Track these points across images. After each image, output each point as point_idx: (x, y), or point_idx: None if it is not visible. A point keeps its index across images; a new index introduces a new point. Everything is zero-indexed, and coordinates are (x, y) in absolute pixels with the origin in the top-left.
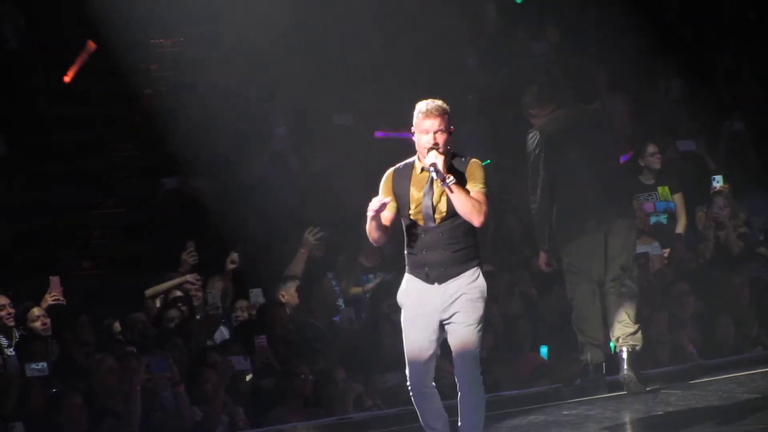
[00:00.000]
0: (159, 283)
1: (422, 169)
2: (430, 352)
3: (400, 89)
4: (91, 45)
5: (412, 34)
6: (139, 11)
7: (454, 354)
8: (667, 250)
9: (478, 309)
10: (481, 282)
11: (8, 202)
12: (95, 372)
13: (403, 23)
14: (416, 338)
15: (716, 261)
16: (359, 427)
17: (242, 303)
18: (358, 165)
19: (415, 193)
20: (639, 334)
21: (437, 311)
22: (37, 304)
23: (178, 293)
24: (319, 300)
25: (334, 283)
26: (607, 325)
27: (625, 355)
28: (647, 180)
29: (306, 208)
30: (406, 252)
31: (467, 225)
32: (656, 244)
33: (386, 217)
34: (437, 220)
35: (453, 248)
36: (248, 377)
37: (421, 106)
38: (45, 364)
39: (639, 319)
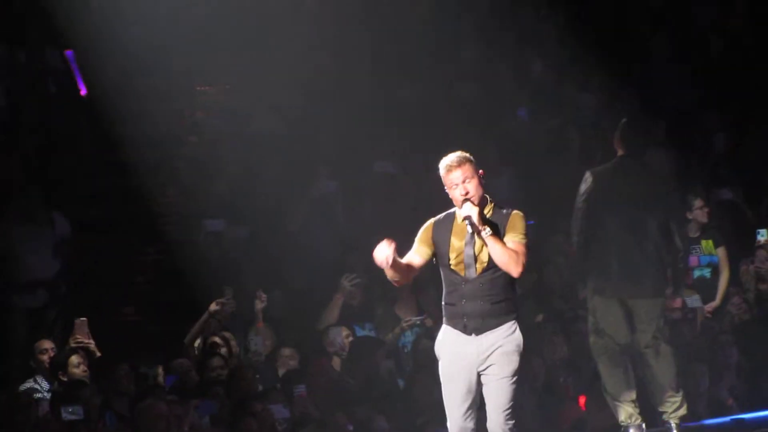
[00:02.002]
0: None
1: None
2: (468, 403)
3: (444, 138)
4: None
5: (463, 83)
6: (184, 58)
7: (487, 406)
8: (712, 304)
9: (513, 362)
10: (518, 335)
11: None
12: (144, 417)
13: (455, 71)
14: (454, 390)
15: (757, 314)
16: None
17: (286, 351)
18: (399, 212)
19: (456, 243)
20: (684, 404)
21: (474, 363)
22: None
23: (217, 339)
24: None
25: (371, 334)
26: (654, 390)
27: (675, 430)
28: (692, 233)
29: (347, 256)
30: (444, 303)
31: (507, 277)
32: (697, 296)
33: (413, 261)
34: (478, 270)
35: (492, 300)
36: (280, 429)
37: (443, 162)
38: (80, 408)
39: (680, 384)
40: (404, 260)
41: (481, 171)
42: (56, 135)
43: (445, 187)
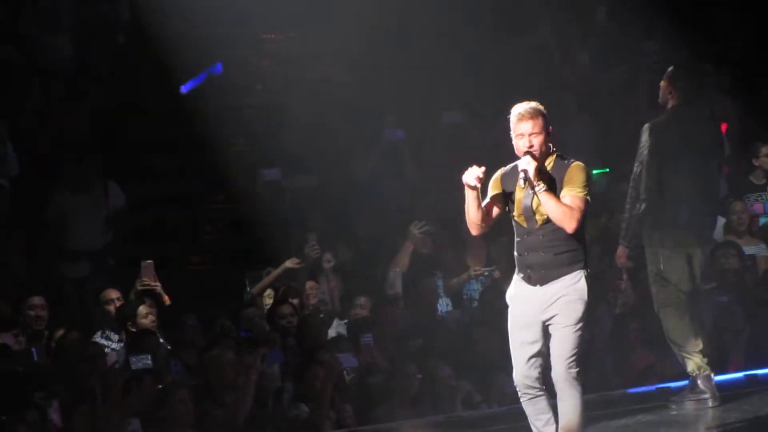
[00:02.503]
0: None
1: None
2: (533, 351)
3: (512, 87)
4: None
5: (526, 33)
6: (249, 6)
7: (551, 355)
8: None
9: (577, 311)
10: (582, 285)
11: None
12: (212, 366)
13: (517, 22)
14: (519, 337)
15: None
16: (467, 425)
17: (360, 300)
18: (467, 163)
19: (518, 194)
20: None
21: (538, 312)
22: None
23: (288, 289)
24: (421, 298)
25: (440, 282)
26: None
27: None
28: (758, 180)
29: (415, 204)
30: (515, 253)
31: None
32: (763, 245)
33: (488, 206)
34: (538, 222)
35: (554, 251)
36: (348, 377)
37: (515, 109)
38: (150, 357)
39: None
40: (484, 208)
41: (550, 128)
42: (124, 86)
43: (511, 133)
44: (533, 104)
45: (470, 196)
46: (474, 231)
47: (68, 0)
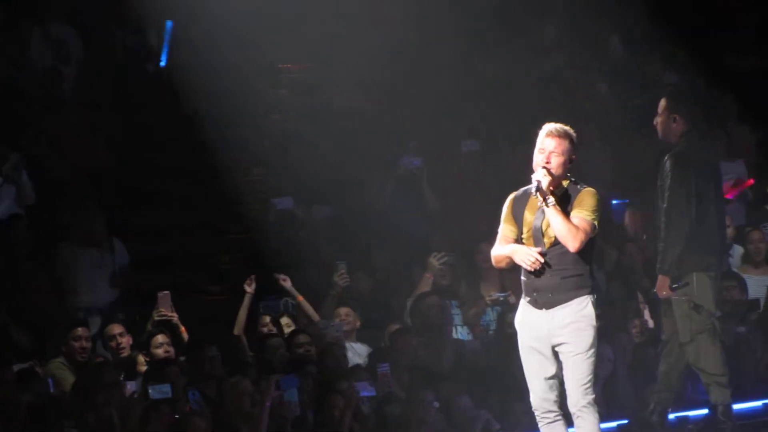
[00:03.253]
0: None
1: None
2: (548, 374)
3: (529, 115)
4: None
5: (543, 61)
6: (266, 36)
7: (566, 383)
8: None
9: (587, 337)
10: (590, 310)
11: (137, 226)
12: (229, 394)
13: (534, 49)
14: (531, 363)
15: None
16: None
17: (393, 327)
18: (484, 191)
19: (528, 217)
20: None
21: (547, 337)
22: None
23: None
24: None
25: (457, 312)
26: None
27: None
28: None
29: (433, 234)
30: (522, 278)
31: (579, 252)
32: None
33: (507, 238)
34: (546, 245)
35: (562, 274)
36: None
37: (547, 126)
38: (169, 386)
39: None
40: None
41: (574, 156)
42: (134, 114)
43: (535, 148)
44: (566, 127)
45: (513, 258)
46: (497, 266)
47: (76, 31)
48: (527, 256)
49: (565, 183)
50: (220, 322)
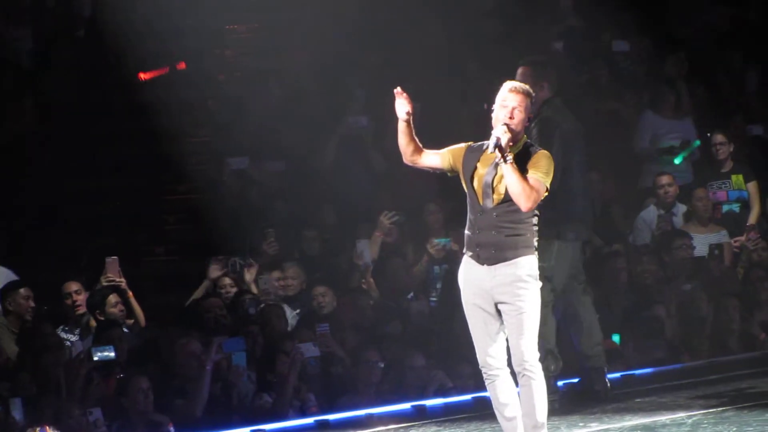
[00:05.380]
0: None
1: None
2: (493, 330)
3: (478, 78)
4: (182, 65)
5: (493, 22)
6: None
7: (509, 343)
8: (738, 238)
9: (529, 296)
10: (534, 270)
11: (83, 187)
12: (178, 355)
13: (479, 14)
14: (476, 321)
15: None
16: (431, 414)
17: (319, 289)
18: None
19: (480, 170)
20: None
21: (489, 294)
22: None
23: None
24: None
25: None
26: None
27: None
28: (722, 168)
29: (380, 194)
30: (465, 232)
31: (525, 212)
32: (724, 232)
33: (428, 153)
34: (494, 201)
35: (506, 232)
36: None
37: (508, 83)
38: (112, 348)
39: None
40: (423, 148)
41: (531, 115)
42: (84, 78)
43: (494, 105)
44: (526, 86)
45: (401, 127)
46: (404, 158)
47: None
48: (399, 106)
49: (521, 143)
50: (166, 282)
